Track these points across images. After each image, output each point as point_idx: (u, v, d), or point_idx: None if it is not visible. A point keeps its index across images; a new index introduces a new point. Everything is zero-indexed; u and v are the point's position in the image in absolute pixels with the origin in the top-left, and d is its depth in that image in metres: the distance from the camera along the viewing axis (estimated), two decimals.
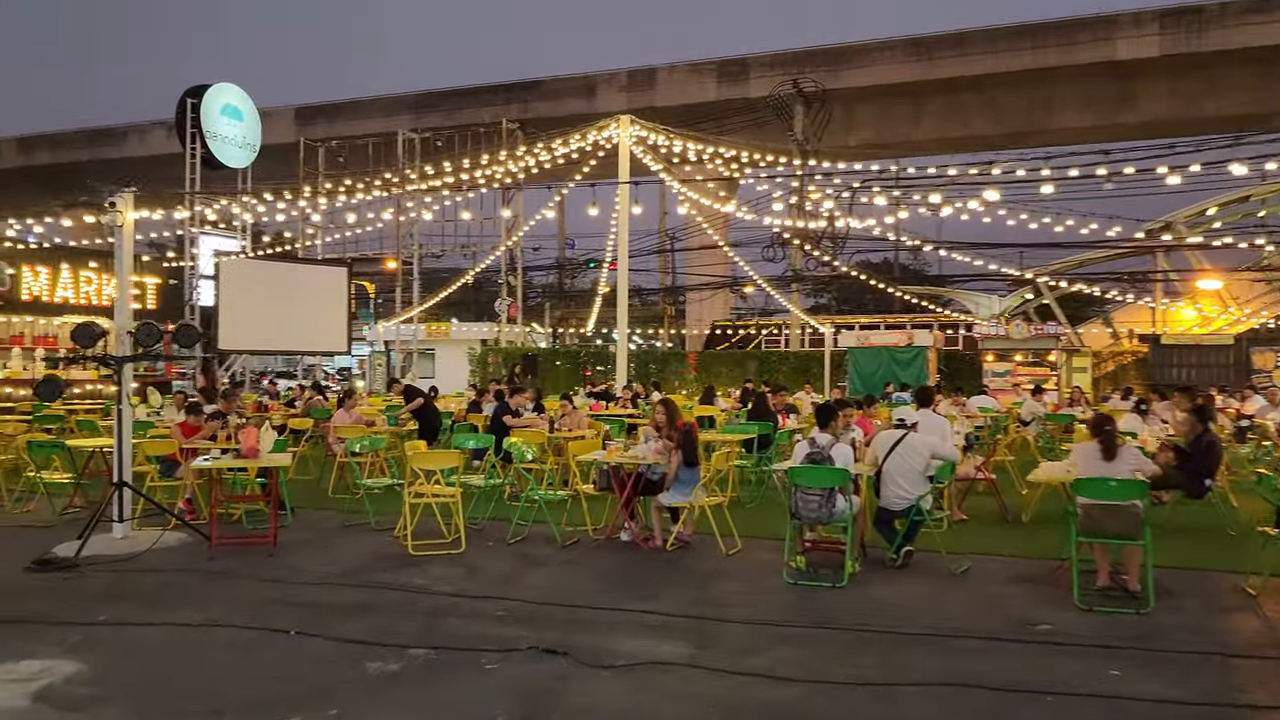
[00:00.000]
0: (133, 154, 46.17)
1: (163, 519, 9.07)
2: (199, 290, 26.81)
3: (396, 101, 43.02)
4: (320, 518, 10.30)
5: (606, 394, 19.65)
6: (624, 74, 40.47)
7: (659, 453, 8.78)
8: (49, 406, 17.14)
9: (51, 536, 8.96)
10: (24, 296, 22.94)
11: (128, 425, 8.72)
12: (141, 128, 46.92)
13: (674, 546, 8.62)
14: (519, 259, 34.72)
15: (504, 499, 10.53)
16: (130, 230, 8.87)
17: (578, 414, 12.44)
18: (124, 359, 8.54)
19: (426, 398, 13.01)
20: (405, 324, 33.58)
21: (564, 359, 32.73)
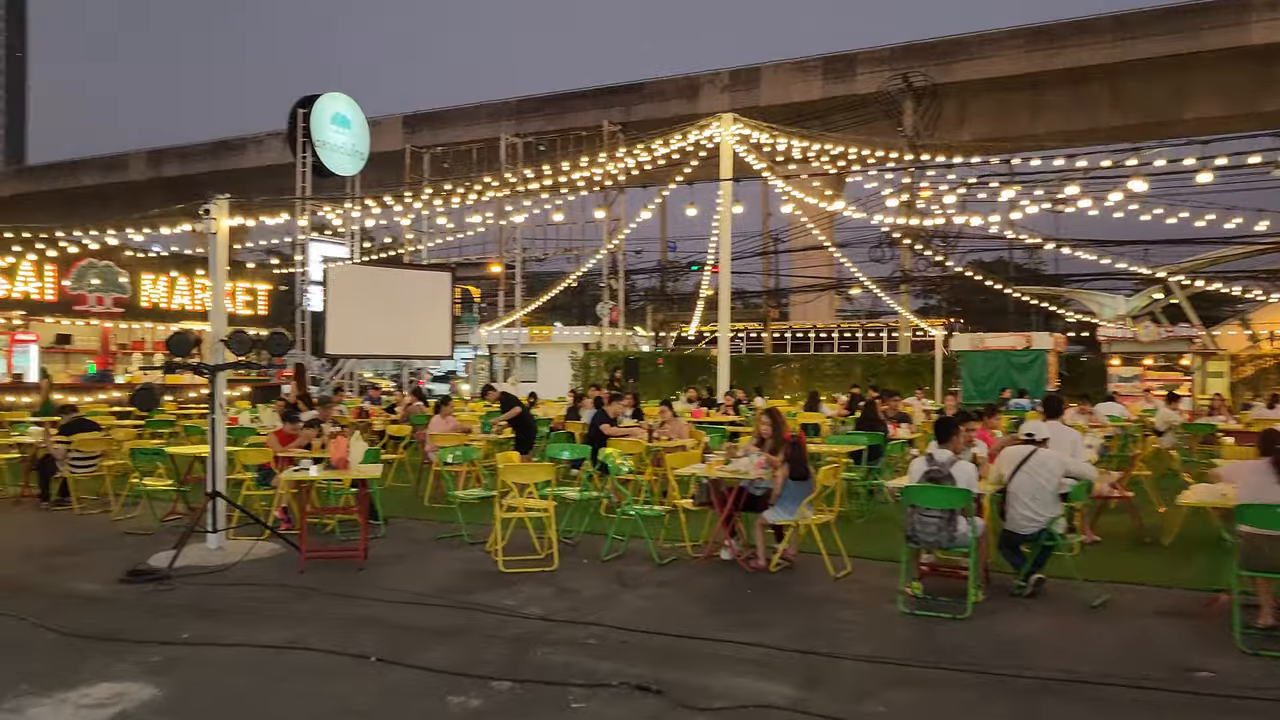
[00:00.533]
0: (251, 164, 47.79)
1: (257, 529, 8.96)
2: (309, 296, 27.32)
3: (500, 108, 43.35)
4: (414, 529, 10.08)
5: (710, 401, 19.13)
6: (726, 74, 39.90)
7: (762, 466, 8.24)
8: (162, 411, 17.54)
9: (151, 544, 8.93)
10: (143, 304, 23.68)
11: (221, 434, 8.62)
12: (259, 139, 48.47)
13: (778, 567, 8.07)
14: (620, 262, 34.46)
15: (600, 512, 10.15)
16: (225, 237, 8.77)
17: (678, 422, 11.96)
18: (217, 367, 8.43)
19: (523, 406, 12.71)
20: (508, 328, 33.69)
21: (666, 362, 32.34)
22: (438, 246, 36.44)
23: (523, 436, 12.35)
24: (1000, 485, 7.43)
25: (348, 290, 25.67)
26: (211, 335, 8.66)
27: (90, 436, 11.40)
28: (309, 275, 27.57)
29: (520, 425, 12.37)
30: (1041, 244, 27.17)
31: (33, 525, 10.55)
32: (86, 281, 22.42)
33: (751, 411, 18.27)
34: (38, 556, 8.74)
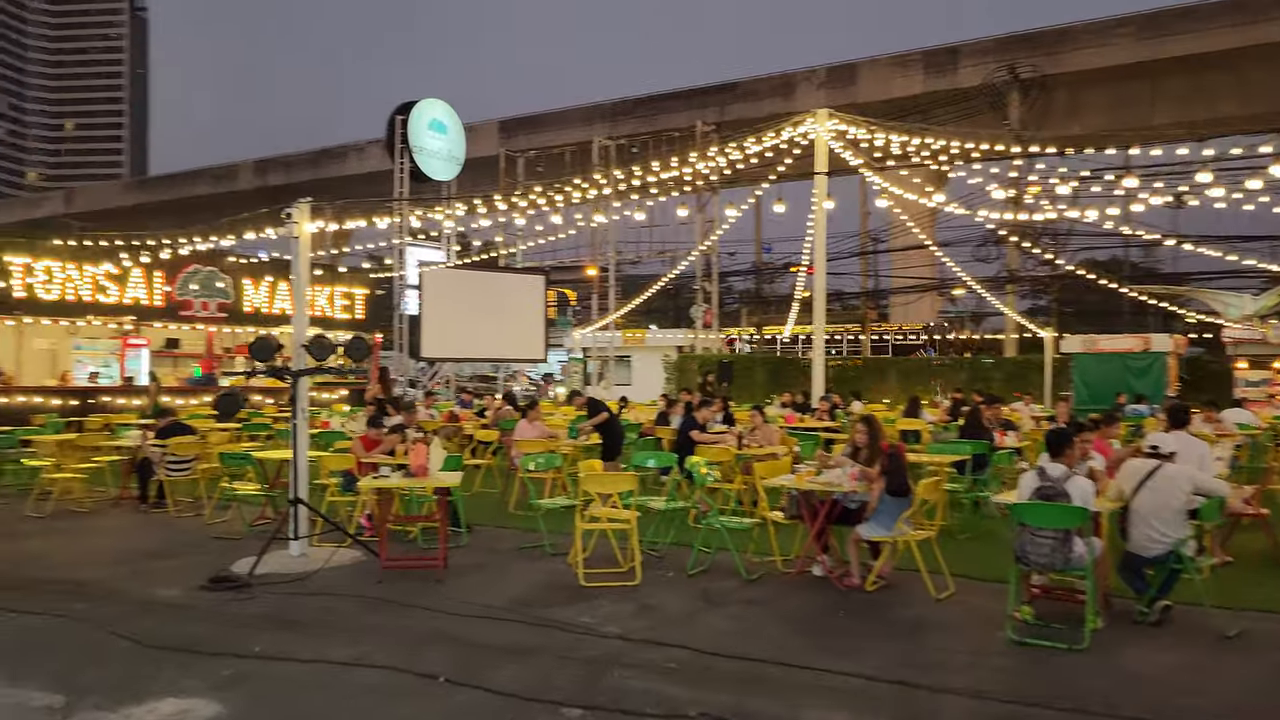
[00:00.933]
0: (353, 172, 48.88)
1: (341, 535, 8.87)
2: (406, 300, 27.67)
3: (593, 110, 43.34)
4: (497, 537, 9.87)
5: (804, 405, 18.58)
6: (823, 71, 39.09)
7: (856, 478, 7.76)
8: (260, 414, 17.85)
9: (238, 549, 8.92)
10: (246, 309, 24.27)
11: (303, 440, 8.53)
12: (360, 146, 49.53)
13: (874, 586, 7.57)
14: (714, 264, 34.03)
15: (688, 522, 9.78)
16: (306, 241, 8.70)
17: (769, 428, 11.51)
18: (300, 372, 8.35)
19: (610, 412, 12.41)
20: (601, 331, 33.61)
21: (759, 366, 31.77)
22: (532, 250, 36.64)
23: (609, 443, 12.05)
24: (1121, 502, 6.81)
25: (443, 294, 25.92)
26: (294, 340, 8.59)
27: (185, 440, 11.54)
28: (406, 279, 27.94)
29: (607, 431, 12.08)
30: (1160, 240, 25.71)
31: (129, 527, 10.71)
32: (191, 287, 23.06)
33: (848, 417, 17.66)
34: (129, 559, 8.80)
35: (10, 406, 18.86)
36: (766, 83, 39.91)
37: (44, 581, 7.86)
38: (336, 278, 28.15)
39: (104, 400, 20.14)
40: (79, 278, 20.73)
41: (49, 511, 11.29)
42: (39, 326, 21.15)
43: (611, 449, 12.01)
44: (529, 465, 9.62)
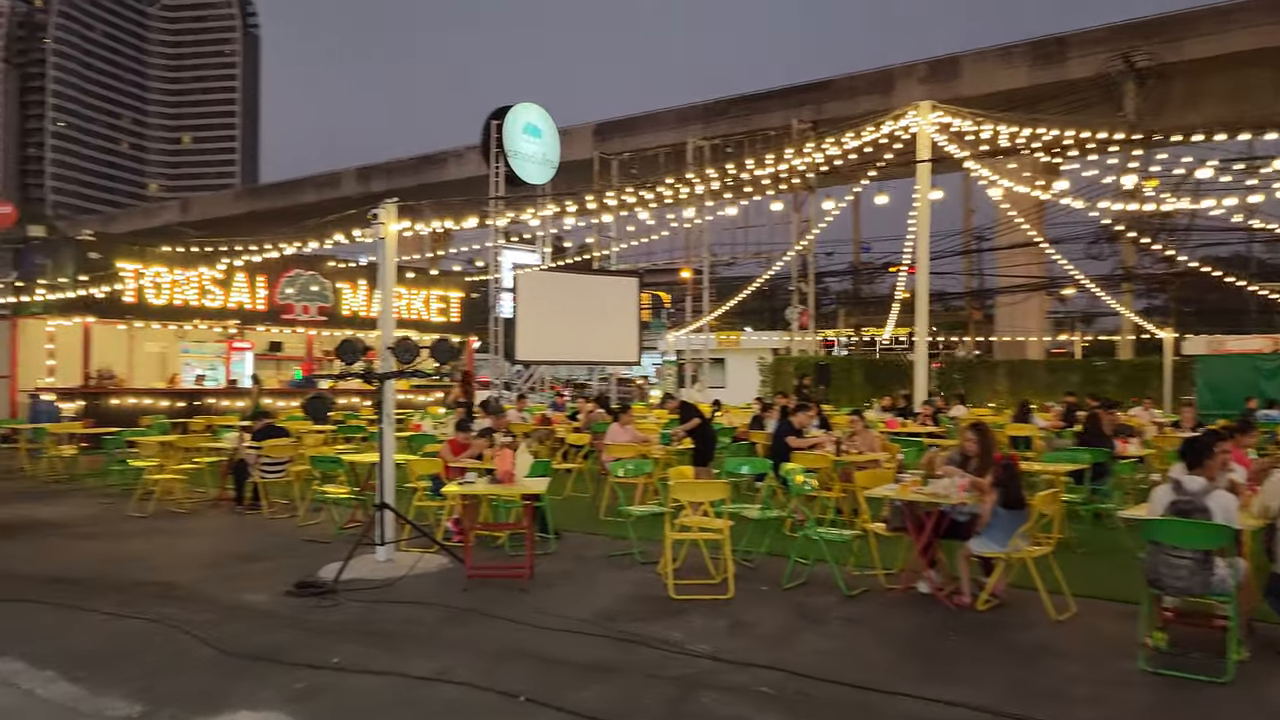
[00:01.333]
0: (452, 177, 49.61)
1: (428, 540, 8.72)
2: (501, 303, 27.79)
3: (687, 112, 43.04)
4: (586, 544, 9.60)
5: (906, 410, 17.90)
6: (923, 65, 38.05)
7: (966, 489, 7.23)
8: (356, 415, 18.02)
9: (327, 553, 8.85)
10: (345, 312, 24.67)
11: (389, 444, 8.40)
12: (459, 152, 50.23)
13: (987, 605, 7.03)
14: (811, 264, 33.31)
15: (784, 530, 9.35)
16: (393, 242, 8.58)
17: (869, 434, 10.98)
18: (385, 375, 8.22)
19: (703, 416, 12.03)
20: (695, 333, 33.23)
21: (857, 369, 30.95)
22: (626, 252, 36.49)
23: (702, 448, 11.68)
24: (1267, 519, 6.14)
25: (537, 296, 25.92)
26: (380, 343, 8.47)
27: (279, 442, 11.61)
28: (501, 282, 28.07)
29: (700, 436, 11.71)
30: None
31: (224, 529, 10.80)
32: (289, 291, 23.53)
33: (951, 421, 16.92)
34: (221, 562, 8.82)
35: (121, 408, 19.47)
36: (864, 79, 39.03)
37: (139, 584, 7.88)
38: (433, 281, 28.45)
39: (209, 402, 20.66)
40: (185, 283, 21.33)
41: (150, 511, 11.49)
42: (149, 330, 21.84)
43: (704, 454, 11.64)
44: (619, 471, 9.32)
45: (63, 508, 12.13)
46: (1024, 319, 36.32)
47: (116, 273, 19.44)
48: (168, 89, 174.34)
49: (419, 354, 8.10)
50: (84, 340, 20.18)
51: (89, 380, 19.86)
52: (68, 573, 8.34)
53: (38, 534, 10.36)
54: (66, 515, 11.53)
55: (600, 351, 28.56)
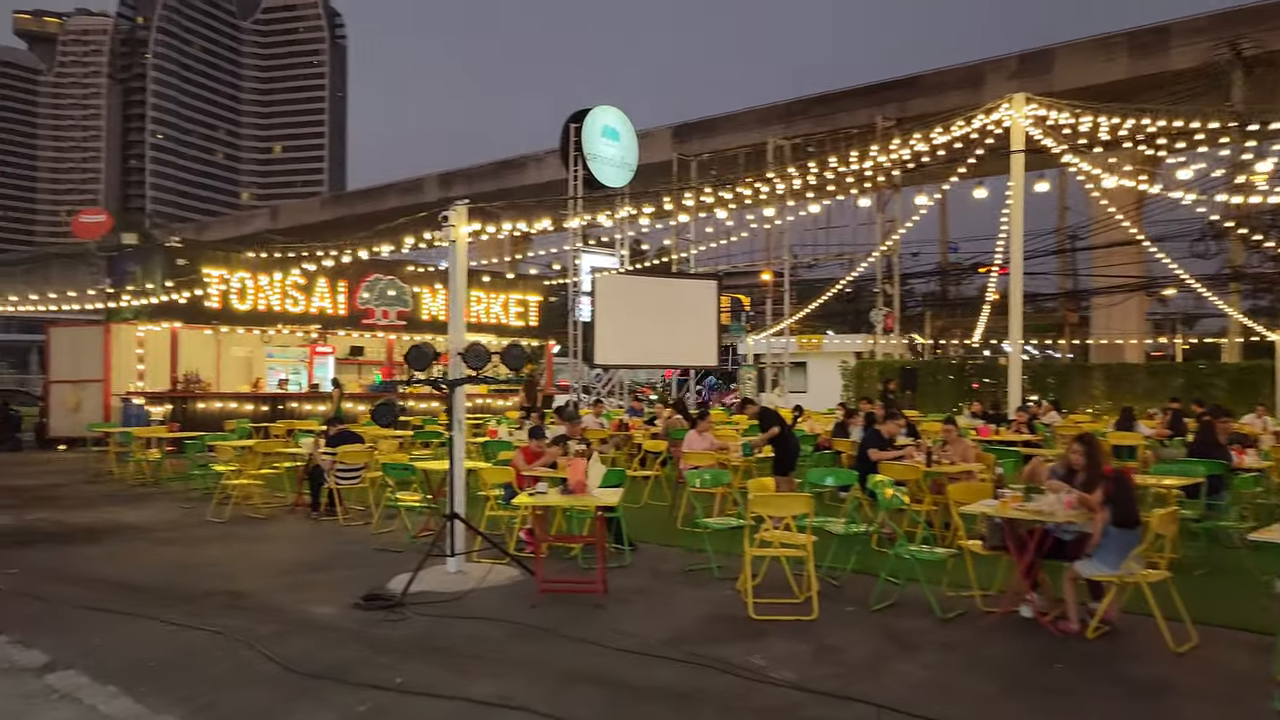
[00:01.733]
0: (531, 181, 49.78)
1: (500, 552, 8.46)
2: (580, 307, 27.64)
3: (768, 112, 42.37)
4: (662, 557, 9.24)
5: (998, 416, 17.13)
6: (1014, 59, 36.79)
7: (1072, 506, 6.67)
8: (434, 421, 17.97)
9: (398, 563, 8.66)
10: (424, 316, 24.77)
11: (459, 452, 8.16)
12: (539, 156, 50.39)
13: (1096, 633, 6.46)
14: (895, 265, 32.44)
15: (871, 545, 8.86)
16: (463, 244, 8.34)
17: (963, 443, 10.38)
18: (455, 381, 7.99)
19: (784, 424, 11.57)
20: (776, 336, 32.64)
21: (944, 373, 29.98)
22: (706, 254, 36.08)
23: (782, 457, 11.22)
24: None
25: (616, 299, 25.69)
26: (450, 349, 8.24)
27: (354, 449, 11.52)
28: (580, 285, 27.92)
29: (780, 445, 11.25)
30: None
31: (298, 535, 10.72)
32: (364, 295, 23.69)
33: (1047, 429, 16.12)
34: (291, 571, 8.69)
35: (207, 412, 19.80)
36: (952, 75, 37.91)
37: (209, 592, 7.79)
38: (511, 284, 28.44)
39: (292, 406, 20.88)
40: (268, 288, 21.62)
41: (227, 517, 11.50)
42: (236, 335, 22.20)
43: (785, 463, 11.18)
44: (696, 481, 8.94)
45: (146, 511, 12.24)
46: (1122, 320, 34.81)
47: (202, 278, 19.76)
48: (259, 100, 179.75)
49: (490, 359, 7.84)
50: (171, 345, 20.57)
51: (176, 385, 20.24)
52: (143, 579, 8.31)
53: (121, 538, 10.43)
54: (148, 519, 11.62)
55: (680, 355, 28.20)
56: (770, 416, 11.61)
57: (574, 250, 28.36)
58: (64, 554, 9.55)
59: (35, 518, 11.72)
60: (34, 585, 8.00)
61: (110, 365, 20.51)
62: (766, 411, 11.82)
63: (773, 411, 11.99)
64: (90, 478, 15.84)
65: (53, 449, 20.72)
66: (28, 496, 13.63)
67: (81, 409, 20.61)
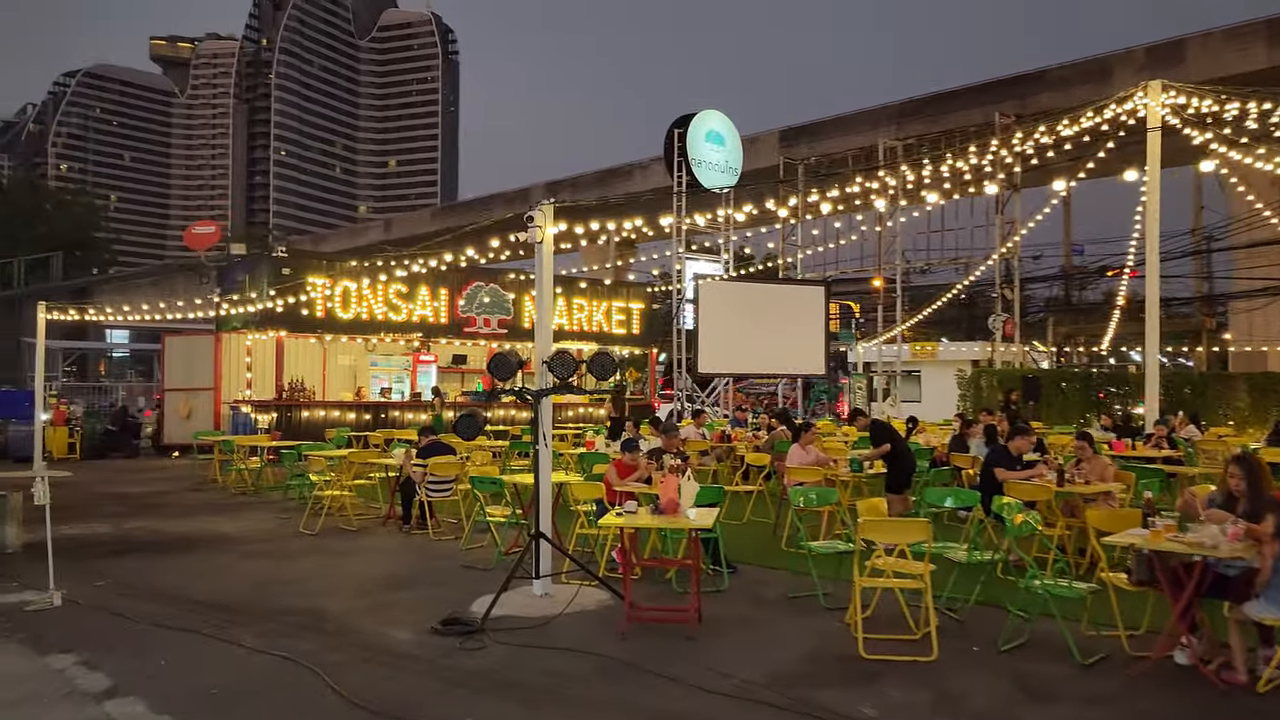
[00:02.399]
0: (636, 189, 49.51)
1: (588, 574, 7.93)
2: (684, 315, 27.10)
3: (878, 113, 41.09)
4: (764, 581, 8.57)
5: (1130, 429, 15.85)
6: (1141, 51, 34.81)
7: (1239, 538, 5.76)
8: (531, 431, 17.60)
9: (483, 582, 8.22)
10: (525, 324, 24.59)
11: (546, 467, 7.66)
12: (644, 164, 50.10)
13: (1268, 686, 5.54)
14: (1016, 269, 30.89)
15: (995, 574, 8.00)
16: (550, 246, 7.86)
17: (1100, 460, 9.38)
18: (540, 392, 7.49)
19: (897, 439, 10.73)
20: (888, 344, 31.46)
21: (1071, 382, 28.29)
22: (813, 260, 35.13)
23: (896, 474, 10.40)
24: None
25: (720, 306, 25.05)
26: (535, 356, 7.76)
27: (445, 460, 11.18)
28: (684, 293, 27.39)
29: (894, 460, 10.43)
30: None
31: (386, 549, 10.42)
32: (460, 303, 23.62)
33: (1187, 444, 14.79)
34: (373, 589, 8.34)
35: (311, 420, 19.95)
36: (1076, 69, 36.07)
37: (287, 611, 7.48)
38: (613, 292, 28.08)
39: (394, 415, 20.90)
40: (371, 296, 21.72)
41: (319, 528, 11.30)
42: (341, 344, 22.38)
43: (898, 480, 10.37)
44: (799, 499, 8.24)
45: (242, 521, 12.17)
46: (1265, 326, 32.41)
47: (306, 287, 19.93)
48: (375, 116, 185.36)
49: (577, 368, 7.32)
50: (277, 353, 20.83)
51: (281, 393, 20.46)
52: (225, 594, 8.07)
53: (213, 549, 10.31)
54: (242, 530, 11.52)
55: (787, 363, 27.36)
56: (882, 430, 10.78)
57: (677, 255, 27.84)
58: (154, 565, 9.44)
59: (134, 526, 11.75)
60: (115, 600, 7.83)
61: (220, 373, 20.89)
62: (878, 425, 10.99)
63: (885, 424, 11.16)
64: (195, 485, 16.02)
65: (168, 455, 21.21)
66: (133, 504, 13.78)
67: (193, 416, 21.04)
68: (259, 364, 20.79)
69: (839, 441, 14.97)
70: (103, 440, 21.67)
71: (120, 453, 21.65)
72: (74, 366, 39.66)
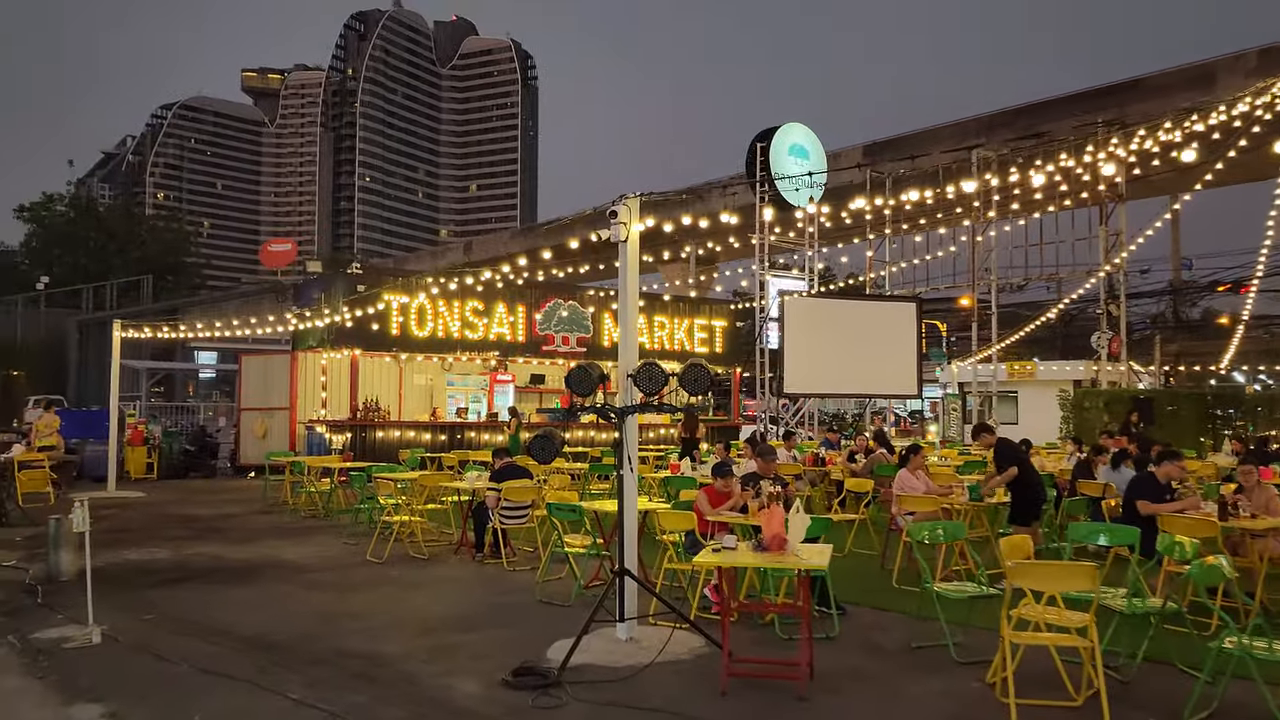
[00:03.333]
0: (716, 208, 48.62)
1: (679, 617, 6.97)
2: (768, 333, 26.08)
3: (966, 126, 39.54)
4: (878, 625, 7.52)
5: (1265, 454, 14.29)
6: (1253, 54, 32.74)
7: None
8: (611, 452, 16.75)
9: (561, 621, 7.36)
10: (604, 343, 23.81)
11: (631, 496, 6.76)
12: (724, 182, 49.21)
13: None
14: (1121, 284, 29.09)
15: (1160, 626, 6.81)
16: (635, 245, 6.99)
17: (1269, 490, 8.11)
18: (626, 410, 6.60)
19: (1026, 463, 9.54)
20: (983, 363, 29.90)
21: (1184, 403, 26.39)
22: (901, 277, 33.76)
23: (1022, 502, 9.21)
24: None
25: (806, 324, 23.97)
26: (619, 370, 6.88)
27: (520, 484, 10.35)
28: (767, 310, 26.38)
29: (1020, 488, 9.25)
30: None
31: (456, 581, 9.61)
32: (551, 320, 22.96)
33: None
34: (439, 628, 7.52)
35: (386, 440, 19.41)
36: (1178, 75, 34.14)
37: (343, 654, 6.69)
38: (695, 309, 27.19)
39: (469, 436, 20.26)
40: (448, 314, 21.19)
41: (387, 556, 10.56)
42: (417, 363, 21.88)
43: (1026, 510, 9.18)
44: (920, 537, 7.17)
45: (307, 547, 11.51)
46: None
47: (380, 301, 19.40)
48: (456, 141, 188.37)
49: (667, 382, 6.42)
50: (351, 372, 20.39)
51: (355, 412, 19.99)
52: (279, 632, 7.33)
53: (274, 578, 9.64)
54: (307, 557, 10.85)
55: (876, 383, 26.08)
56: (1010, 451, 9.57)
57: (759, 271, 26.83)
58: (209, 596, 8.77)
59: (195, 552, 11.16)
60: (160, 637, 7.15)
61: (296, 392, 20.50)
62: (1006, 445, 9.75)
63: (1014, 445, 9.94)
64: (265, 507, 15.52)
65: (244, 476, 20.89)
66: (199, 527, 13.26)
67: (269, 436, 20.70)
68: (334, 383, 20.37)
69: (946, 467, 13.80)
70: (181, 460, 21.48)
71: (198, 473, 21.43)
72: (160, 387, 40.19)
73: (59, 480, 16.21)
